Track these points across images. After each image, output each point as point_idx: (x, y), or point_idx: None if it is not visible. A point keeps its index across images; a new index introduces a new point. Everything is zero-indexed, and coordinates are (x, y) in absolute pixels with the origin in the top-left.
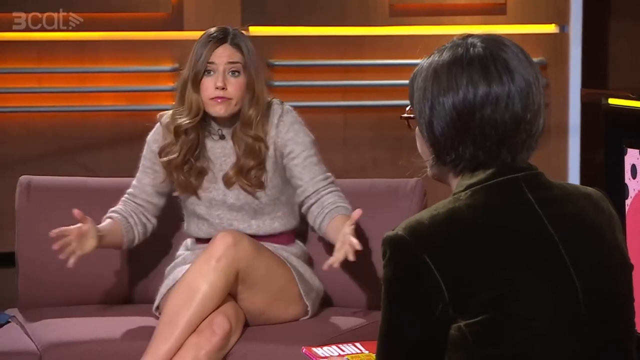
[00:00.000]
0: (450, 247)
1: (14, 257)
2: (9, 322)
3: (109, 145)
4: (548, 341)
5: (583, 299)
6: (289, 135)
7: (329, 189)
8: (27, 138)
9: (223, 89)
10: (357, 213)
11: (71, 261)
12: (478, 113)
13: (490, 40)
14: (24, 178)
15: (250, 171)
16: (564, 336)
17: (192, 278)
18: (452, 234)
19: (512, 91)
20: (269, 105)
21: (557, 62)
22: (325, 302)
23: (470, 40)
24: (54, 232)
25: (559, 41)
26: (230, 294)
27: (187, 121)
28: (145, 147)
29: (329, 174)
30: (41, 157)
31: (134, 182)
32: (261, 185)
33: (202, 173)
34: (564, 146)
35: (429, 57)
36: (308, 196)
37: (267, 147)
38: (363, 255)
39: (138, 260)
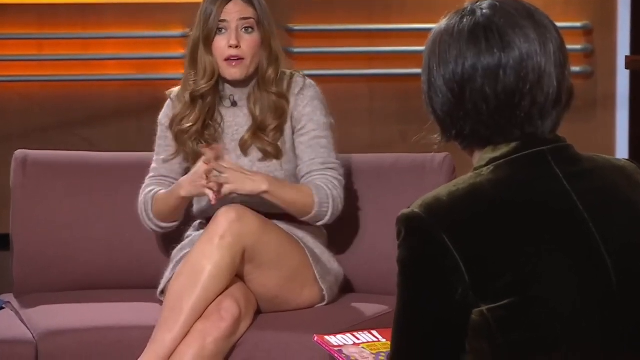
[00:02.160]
0: (470, 225)
1: (9, 239)
2: (4, 308)
3: (115, 117)
4: (577, 325)
5: (615, 278)
6: (306, 110)
7: (322, 173)
8: (26, 109)
9: (237, 47)
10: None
11: (217, 197)
12: (468, 87)
13: (495, 5)
14: (19, 152)
15: (269, 131)
16: (594, 319)
17: (195, 259)
18: (472, 212)
19: (504, 62)
20: (290, 76)
21: (603, 27)
22: (346, 288)
23: (474, 5)
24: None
25: (605, 3)
26: (238, 276)
27: (203, 85)
28: (158, 128)
29: (336, 161)
30: (41, 130)
31: (155, 165)
32: (278, 152)
33: (213, 142)
34: (610, 119)
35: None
36: (302, 177)
37: (288, 103)
38: (387, 237)
39: (143, 242)
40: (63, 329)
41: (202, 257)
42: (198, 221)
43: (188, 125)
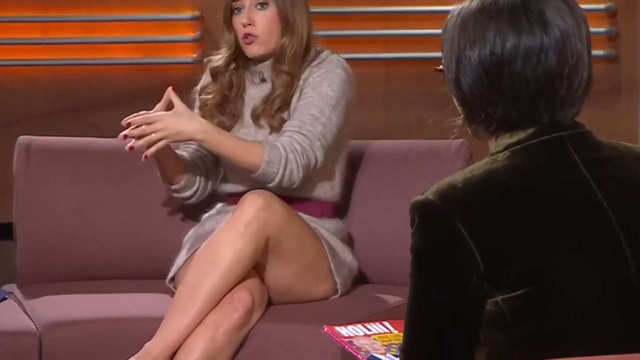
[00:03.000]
0: (485, 213)
1: (12, 227)
2: (6, 298)
3: (122, 102)
4: (595, 315)
5: (634, 268)
6: (315, 79)
7: (290, 135)
8: (30, 94)
9: (249, 24)
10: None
11: (151, 150)
12: (507, 68)
13: None
14: (22, 139)
15: (275, 100)
16: (612, 310)
17: (216, 245)
18: (488, 199)
19: (545, 44)
20: (319, 52)
21: (627, 9)
22: (360, 280)
23: None
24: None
25: None
26: (254, 268)
27: (221, 61)
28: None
29: (314, 131)
30: (46, 115)
31: None
32: (282, 123)
33: (236, 116)
34: (635, 105)
35: (461, 3)
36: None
37: (298, 80)
38: (402, 226)
39: (150, 231)
40: (67, 320)
41: (225, 243)
42: (219, 204)
43: (208, 98)
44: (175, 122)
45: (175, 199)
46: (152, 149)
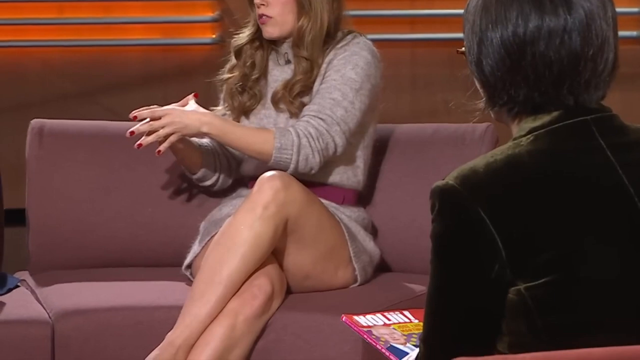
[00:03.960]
0: (508, 198)
1: (25, 213)
2: (18, 286)
3: (139, 84)
4: (622, 306)
5: None
6: (339, 61)
7: (307, 120)
8: (45, 76)
9: (263, 5)
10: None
11: (164, 146)
12: (529, 50)
13: None
14: (35, 122)
15: (294, 85)
16: (638, 300)
17: (234, 229)
18: (510, 184)
19: (569, 24)
20: (346, 33)
21: None
22: (383, 268)
23: None
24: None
25: None
26: (273, 254)
27: (244, 39)
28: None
29: (334, 115)
30: (61, 98)
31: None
32: (302, 108)
33: (257, 96)
34: None
35: None
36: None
37: (319, 66)
38: (425, 213)
39: (166, 217)
40: (81, 308)
41: (243, 226)
42: (239, 188)
43: (230, 78)
44: (181, 116)
45: (199, 186)
46: (165, 145)
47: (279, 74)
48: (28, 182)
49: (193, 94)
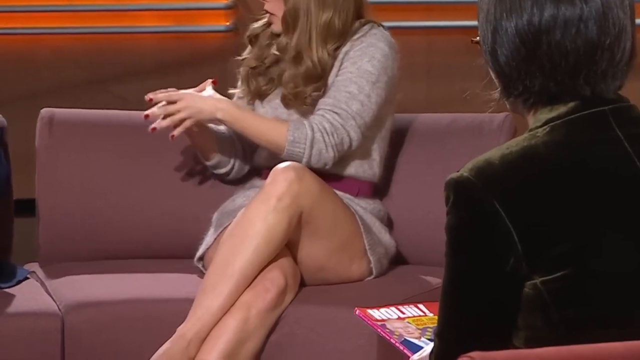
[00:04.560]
0: (523, 190)
1: (35, 204)
2: (28, 278)
3: (152, 73)
4: (638, 300)
5: None
6: (355, 53)
7: (321, 114)
8: (56, 65)
9: (266, 0)
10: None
11: (178, 130)
12: (545, 39)
13: None
14: (45, 111)
15: (306, 97)
16: None
17: (248, 220)
18: (526, 176)
19: (585, 13)
20: (362, 24)
21: None
22: (399, 261)
23: None
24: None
25: None
26: (286, 247)
27: (256, 28)
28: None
29: (350, 109)
30: (72, 86)
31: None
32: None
33: (274, 81)
34: None
35: None
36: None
37: (331, 69)
38: (442, 204)
39: (178, 208)
40: (91, 301)
41: (257, 218)
42: (254, 179)
43: (247, 64)
44: (196, 101)
45: (212, 174)
46: (179, 129)
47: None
48: (38, 172)
49: (211, 80)
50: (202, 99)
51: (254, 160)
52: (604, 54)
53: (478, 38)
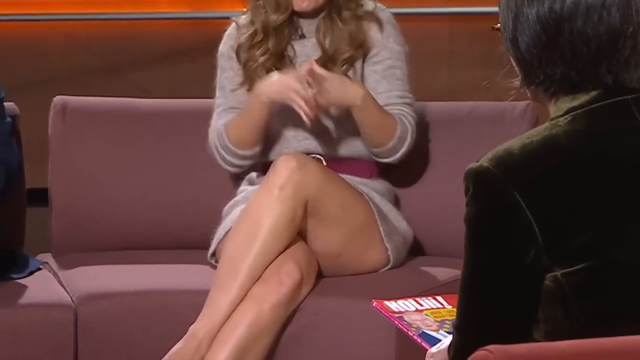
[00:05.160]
0: (544, 181)
1: (47, 193)
2: (40, 269)
3: (167, 60)
4: None
5: None
6: (378, 35)
7: (400, 108)
8: (69, 51)
9: None
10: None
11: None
12: (567, 26)
13: None
14: (58, 99)
15: (340, 62)
16: None
17: (252, 213)
18: (547, 166)
19: (608, 0)
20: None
21: None
22: (417, 251)
23: None
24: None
25: None
26: (300, 234)
27: (276, 18)
28: (220, 61)
29: (411, 95)
30: (86, 74)
31: (222, 99)
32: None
33: (284, 72)
34: None
35: None
36: None
37: (367, 39)
38: (462, 194)
39: (193, 198)
40: (105, 292)
41: (261, 210)
42: (254, 174)
43: (259, 55)
44: (341, 84)
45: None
46: (315, 114)
47: (300, 49)
48: (51, 161)
49: (313, 59)
50: (345, 83)
51: (269, 156)
52: (626, 42)
53: (499, 25)
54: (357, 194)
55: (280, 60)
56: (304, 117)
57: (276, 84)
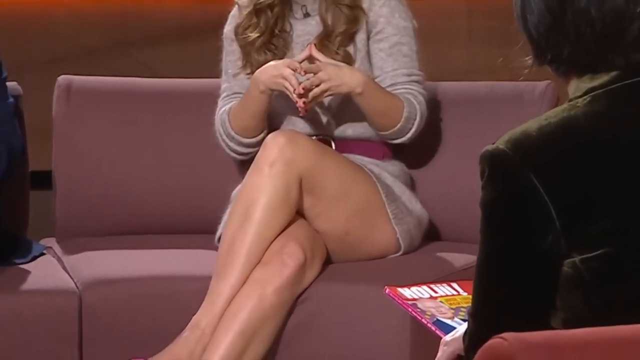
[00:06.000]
0: (562, 164)
1: (51, 176)
2: (44, 254)
3: (175, 38)
4: None
5: None
6: (383, 10)
7: (407, 87)
8: (75, 29)
9: None
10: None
11: (311, 105)
12: (569, 6)
13: None
14: (63, 79)
15: (334, 36)
16: None
17: (245, 194)
18: (565, 148)
19: None
20: None
21: None
22: (432, 236)
23: None
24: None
25: None
26: (301, 215)
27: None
28: (224, 43)
29: (419, 72)
30: (92, 52)
31: (226, 83)
32: (348, 58)
33: (283, 52)
34: None
35: None
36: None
37: (365, 13)
38: (479, 179)
39: (200, 182)
40: (109, 278)
41: (252, 190)
42: None
43: (254, 35)
44: (338, 72)
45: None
46: (312, 104)
47: (302, 28)
48: (55, 142)
49: (313, 44)
50: (343, 71)
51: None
52: (633, 22)
53: None
54: (358, 169)
55: (276, 40)
56: (300, 109)
57: (269, 72)
